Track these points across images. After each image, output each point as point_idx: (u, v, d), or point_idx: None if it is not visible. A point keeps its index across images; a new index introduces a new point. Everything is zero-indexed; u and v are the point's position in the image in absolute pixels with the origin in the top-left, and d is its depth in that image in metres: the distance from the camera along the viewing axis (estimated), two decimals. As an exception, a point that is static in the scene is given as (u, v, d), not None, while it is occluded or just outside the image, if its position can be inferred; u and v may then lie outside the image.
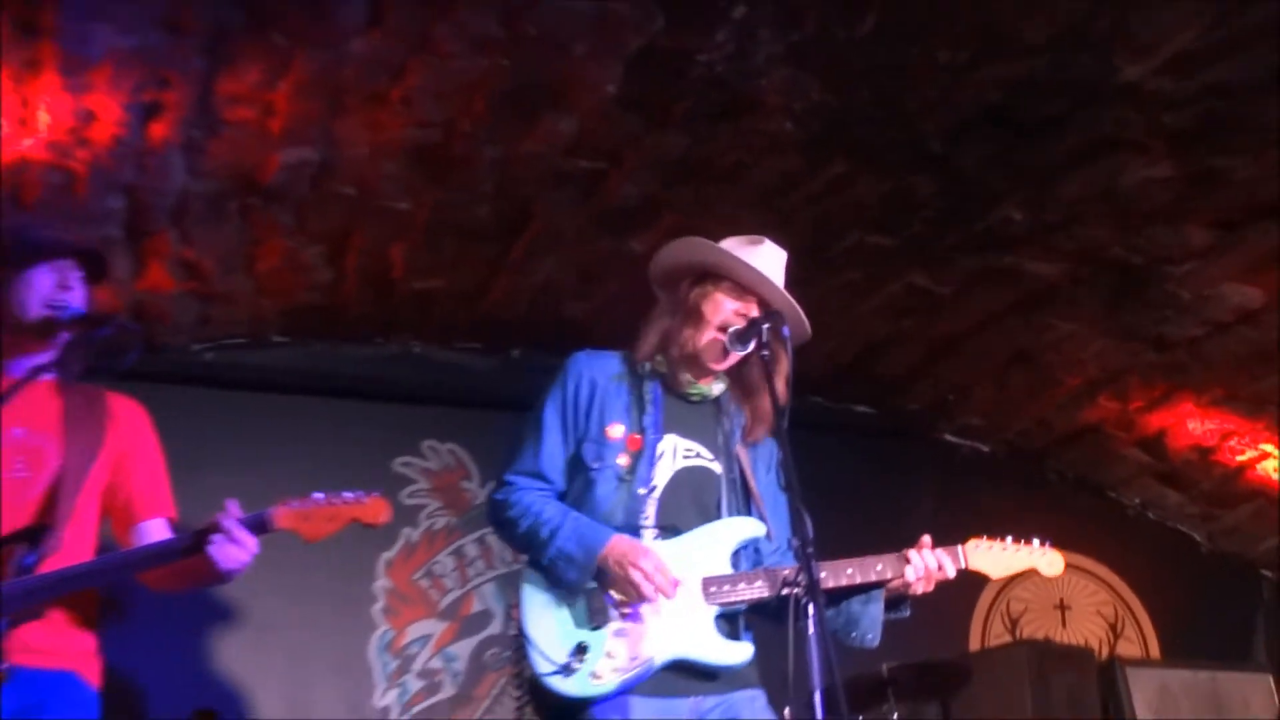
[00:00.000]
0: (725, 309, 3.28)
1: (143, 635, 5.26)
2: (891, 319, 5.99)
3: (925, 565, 3.28)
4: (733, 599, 3.22)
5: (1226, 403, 6.11)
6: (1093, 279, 5.38)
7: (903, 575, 3.28)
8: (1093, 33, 4.01)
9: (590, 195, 5.03)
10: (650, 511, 3.30)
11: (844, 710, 2.80)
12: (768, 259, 3.36)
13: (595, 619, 3.18)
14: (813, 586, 2.87)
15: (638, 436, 3.34)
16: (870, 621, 3.37)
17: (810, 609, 2.87)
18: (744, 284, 3.29)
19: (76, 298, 3.31)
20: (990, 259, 5.36)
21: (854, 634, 3.38)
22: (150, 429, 3.49)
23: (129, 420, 3.48)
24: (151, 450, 3.49)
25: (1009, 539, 3.47)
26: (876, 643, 3.42)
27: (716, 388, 3.40)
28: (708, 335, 3.28)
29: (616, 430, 3.35)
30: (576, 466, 3.34)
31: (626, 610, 3.19)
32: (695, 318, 3.31)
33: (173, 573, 3.33)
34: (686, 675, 3.20)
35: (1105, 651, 6.58)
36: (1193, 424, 6.29)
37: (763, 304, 3.29)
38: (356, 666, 5.89)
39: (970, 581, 3.48)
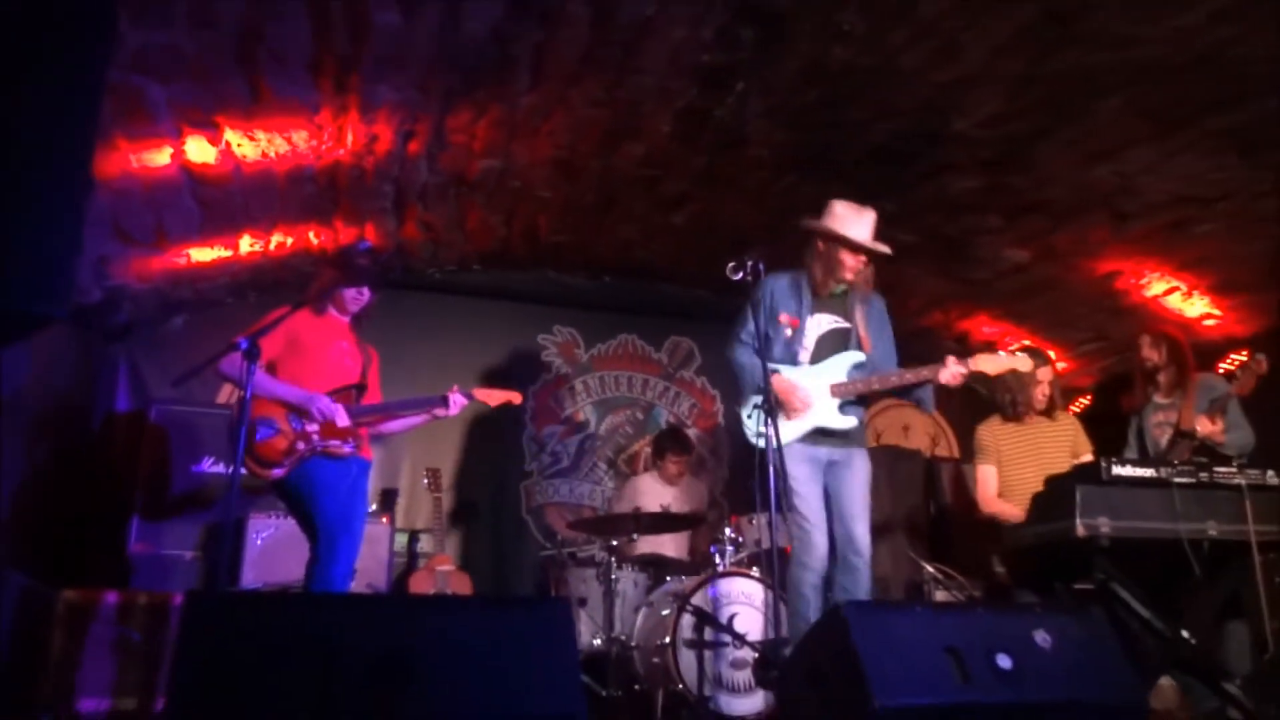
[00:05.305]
0: (847, 262, 3.62)
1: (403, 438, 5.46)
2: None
3: (952, 370, 3.52)
4: (844, 394, 3.58)
5: (1005, 317, 6.11)
6: (931, 244, 5.39)
7: (936, 378, 3.54)
8: (937, 104, 4.08)
9: (651, 190, 5.14)
10: (805, 356, 3.62)
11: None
12: (866, 224, 3.64)
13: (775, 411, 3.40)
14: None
15: (795, 319, 3.64)
16: (928, 399, 3.71)
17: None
18: (855, 247, 3.61)
19: (365, 296, 3.77)
20: (876, 234, 5.23)
21: (923, 406, 3.75)
22: (377, 360, 3.94)
23: (372, 354, 3.91)
24: (377, 368, 3.94)
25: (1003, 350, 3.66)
26: (932, 410, 3.84)
27: (841, 288, 3.69)
28: (840, 273, 3.62)
29: (784, 317, 3.65)
30: (768, 334, 3.62)
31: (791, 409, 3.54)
32: (832, 263, 3.63)
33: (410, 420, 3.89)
34: (823, 434, 3.56)
35: (929, 453, 6.65)
36: (985, 328, 6.28)
37: (867, 253, 3.62)
38: (514, 448, 6.19)
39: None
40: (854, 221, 3.64)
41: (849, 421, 3.58)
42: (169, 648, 3.58)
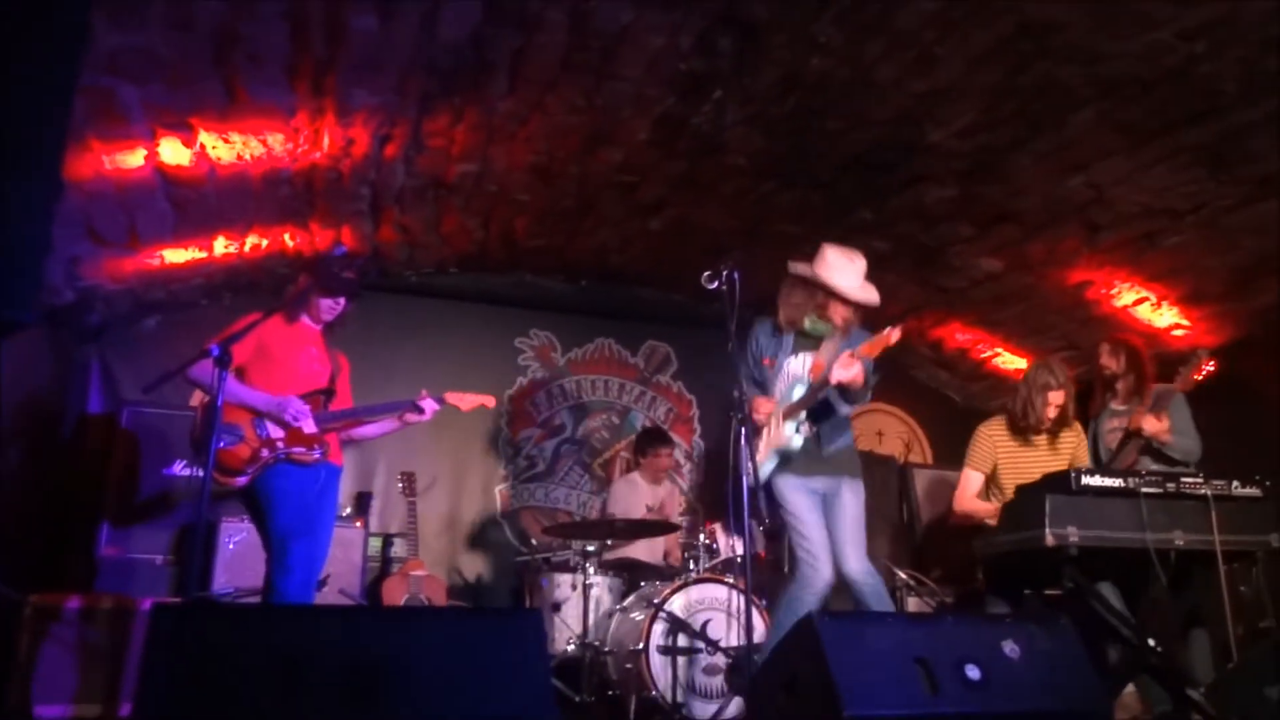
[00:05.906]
0: (839, 311, 3.58)
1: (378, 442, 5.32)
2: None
3: (848, 368, 3.38)
4: (790, 414, 3.55)
5: (977, 324, 6.11)
6: (906, 252, 5.40)
7: (833, 379, 3.40)
8: (914, 115, 4.09)
9: (628, 196, 5.11)
10: (783, 387, 3.62)
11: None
12: (857, 271, 3.62)
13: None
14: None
15: (773, 361, 3.66)
16: (858, 399, 3.60)
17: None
18: (848, 300, 3.58)
19: (340, 306, 3.70)
20: (851, 240, 5.00)
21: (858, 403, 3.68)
22: (347, 367, 3.86)
23: (342, 361, 3.83)
24: (347, 374, 3.87)
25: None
26: (865, 400, 3.72)
27: (822, 329, 3.63)
28: (832, 320, 3.59)
29: (767, 361, 3.68)
30: (757, 377, 3.68)
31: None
32: (823, 309, 3.59)
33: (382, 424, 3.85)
34: (813, 463, 3.56)
35: (902, 459, 6.61)
36: (958, 335, 6.29)
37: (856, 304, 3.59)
38: (490, 452, 6.14)
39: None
40: (845, 270, 3.60)
41: (797, 440, 3.56)
42: (134, 653, 3.52)
